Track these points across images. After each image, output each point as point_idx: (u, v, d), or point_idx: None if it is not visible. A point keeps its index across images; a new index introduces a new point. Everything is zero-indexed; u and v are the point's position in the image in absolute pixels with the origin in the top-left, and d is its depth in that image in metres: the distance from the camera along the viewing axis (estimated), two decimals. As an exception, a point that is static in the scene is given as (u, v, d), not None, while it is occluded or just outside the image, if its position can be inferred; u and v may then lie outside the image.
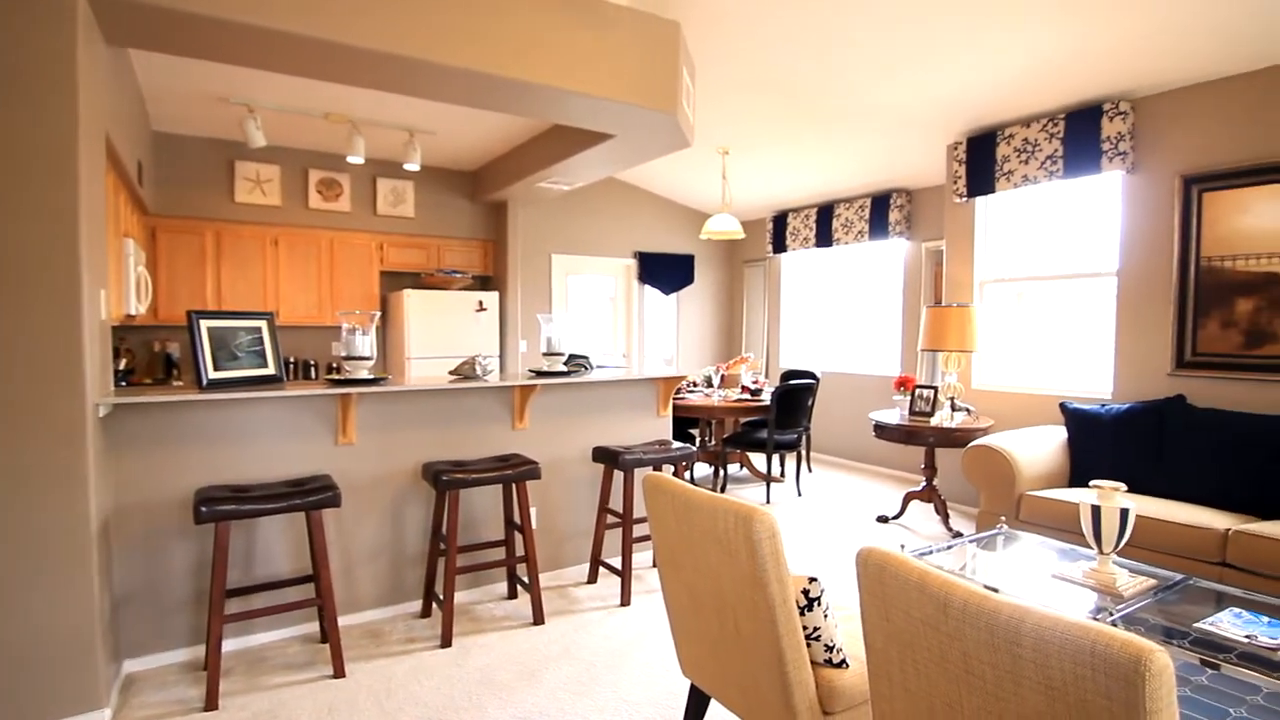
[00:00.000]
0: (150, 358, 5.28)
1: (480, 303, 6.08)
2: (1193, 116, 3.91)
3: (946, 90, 4.31)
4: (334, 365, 5.95)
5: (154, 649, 2.77)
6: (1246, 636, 2.10)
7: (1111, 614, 2.29)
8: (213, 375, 2.78)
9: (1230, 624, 2.19)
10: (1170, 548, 3.21)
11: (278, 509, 2.57)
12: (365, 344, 3.12)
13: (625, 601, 3.37)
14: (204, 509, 2.43)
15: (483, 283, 6.67)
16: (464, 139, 5.51)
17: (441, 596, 2.97)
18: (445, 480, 2.93)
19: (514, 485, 3.29)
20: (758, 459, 6.78)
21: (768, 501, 5.31)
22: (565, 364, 3.88)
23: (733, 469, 6.45)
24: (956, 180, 5.01)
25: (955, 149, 5.01)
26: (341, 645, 2.74)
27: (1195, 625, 2.20)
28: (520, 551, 3.54)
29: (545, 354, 3.70)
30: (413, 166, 5.16)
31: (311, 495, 2.65)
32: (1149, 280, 4.12)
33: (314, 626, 3.10)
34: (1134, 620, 2.26)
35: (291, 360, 5.81)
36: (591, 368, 3.97)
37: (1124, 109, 4.09)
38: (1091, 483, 2.46)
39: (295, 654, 2.88)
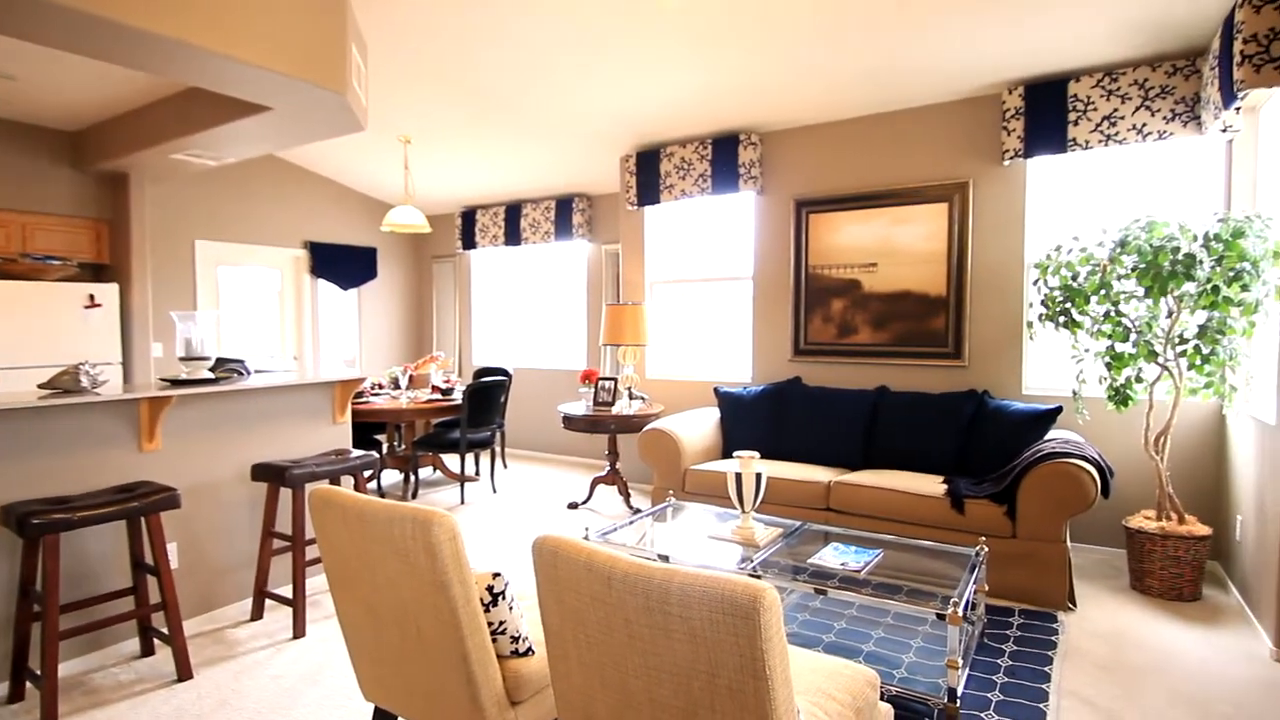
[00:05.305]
0: None
1: (91, 297, 4.89)
2: (803, 151, 4.83)
3: (619, 107, 4.68)
4: None
5: None
6: (842, 564, 2.67)
7: (752, 562, 2.72)
8: None
9: (832, 556, 2.76)
10: (793, 501, 3.93)
11: None
12: (-110, 351, 2.28)
13: (299, 633, 3.01)
14: None
15: (95, 272, 5.37)
16: (62, 89, 4.36)
17: (40, 671, 2.32)
18: (36, 524, 2.29)
19: (142, 519, 2.71)
20: (451, 460, 6.62)
21: (462, 502, 5.22)
22: (212, 370, 3.32)
23: (425, 472, 6.20)
24: (629, 190, 5.47)
25: (627, 161, 5.47)
26: None
27: (809, 561, 2.72)
28: (157, 598, 2.94)
29: (184, 359, 3.11)
30: (-25, 118, 3.93)
31: None
32: (775, 283, 4.99)
33: None
34: (769, 564, 2.71)
35: None
36: (248, 373, 3.46)
37: (755, 140, 4.88)
38: (735, 453, 2.89)
39: None
